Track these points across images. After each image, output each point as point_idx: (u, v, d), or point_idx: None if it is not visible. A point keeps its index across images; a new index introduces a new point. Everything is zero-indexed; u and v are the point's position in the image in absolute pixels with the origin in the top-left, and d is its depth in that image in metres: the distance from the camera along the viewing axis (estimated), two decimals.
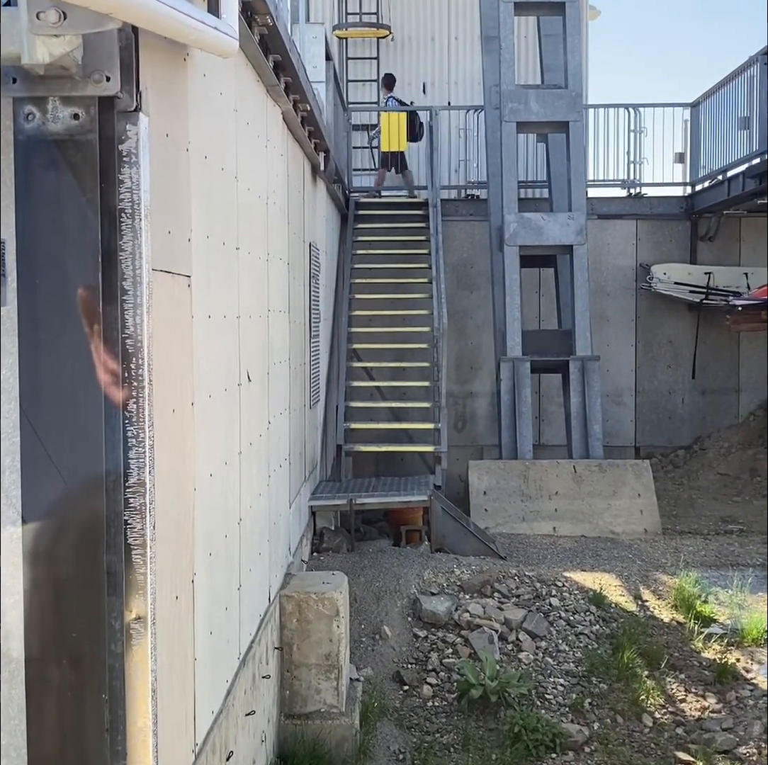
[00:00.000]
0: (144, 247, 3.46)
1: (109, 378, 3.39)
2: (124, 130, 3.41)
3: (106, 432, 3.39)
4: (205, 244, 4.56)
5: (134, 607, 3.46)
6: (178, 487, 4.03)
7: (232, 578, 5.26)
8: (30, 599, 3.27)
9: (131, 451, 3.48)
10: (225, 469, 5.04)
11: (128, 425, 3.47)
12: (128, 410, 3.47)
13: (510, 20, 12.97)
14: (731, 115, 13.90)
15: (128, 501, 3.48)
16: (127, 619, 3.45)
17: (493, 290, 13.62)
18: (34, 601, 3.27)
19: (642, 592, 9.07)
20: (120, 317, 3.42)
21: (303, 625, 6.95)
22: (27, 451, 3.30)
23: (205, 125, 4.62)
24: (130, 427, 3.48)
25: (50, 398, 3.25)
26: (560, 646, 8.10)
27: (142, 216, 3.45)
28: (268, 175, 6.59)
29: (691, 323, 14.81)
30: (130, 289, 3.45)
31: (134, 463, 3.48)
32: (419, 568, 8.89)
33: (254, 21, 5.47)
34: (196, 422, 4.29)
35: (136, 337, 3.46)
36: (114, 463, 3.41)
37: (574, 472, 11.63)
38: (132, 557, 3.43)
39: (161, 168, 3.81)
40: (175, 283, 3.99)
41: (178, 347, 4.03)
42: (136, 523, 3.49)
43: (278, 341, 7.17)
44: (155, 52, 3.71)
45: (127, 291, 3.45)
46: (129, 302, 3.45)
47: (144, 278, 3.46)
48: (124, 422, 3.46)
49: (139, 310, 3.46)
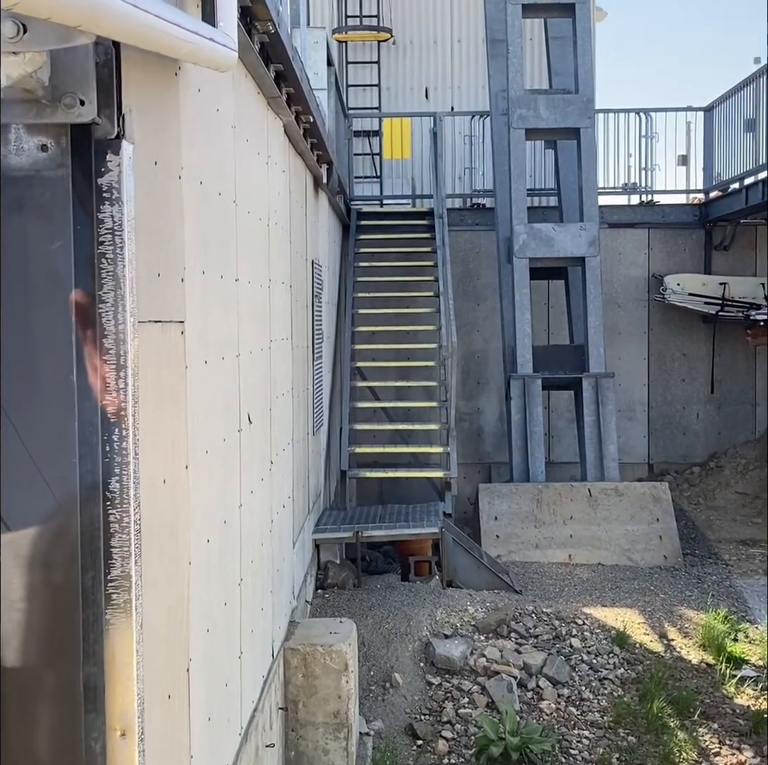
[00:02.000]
0: (128, 298, 2.93)
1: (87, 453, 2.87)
2: (103, 161, 2.89)
3: (82, 519, 2.87)
4: (200, 281, 4.03)
5: (118, 723, 2.93)
6: (171, 569, 3.50)
7: (232, 648, 4.73)
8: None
9: (114, 539, 2.95)
10: (224, 530, 4.51)
11: (110, 509, 2.95)
12: (110, 491, 2.95)
13: (518, 23, 12.44)
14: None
15: (110, 597, 2.96)
16: (110, 738, 2.92)
17: (501, 303, 13.09)
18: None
19: (667, 629, 8.55)
20: (99, 383, 2.90)
21: (309, 680, 6.42)
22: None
23: (201, 147, 4.09)
24: (112, 510, 2.96)
25: (18, 489, 2.72)
26: (584, 694, 7.57)
27: (126, 261, 2.93)
28: (269, 194, 6.06)
29: (706, 336, 14.28)
30: (111, 348, 2.93)
31: (117, 554, 2.95)
32: (431, 606, 8.36)
33: (254, 28, 4.94)
34: (190, 487, 3.77)
35: (118, 404, 2.94)
36: (93, 555, 2.88)
37: (589, 496, 11.10)
38: (116, 667, 2.91)
39: (150, 201, 3.29)
40: (166, 333, 3.47)
41: (169, 407, 3.51)
42: (120, 623, 2.96)
43: (281, 372, 6.64)
44: (141, 67, 3.18)
45: (109, 350, 2.93)
46: (110, 364, 2.93)
47: (128, 334, 2.93)
48: (104, 506, 2.94)
49: (122, 372, 2.94)
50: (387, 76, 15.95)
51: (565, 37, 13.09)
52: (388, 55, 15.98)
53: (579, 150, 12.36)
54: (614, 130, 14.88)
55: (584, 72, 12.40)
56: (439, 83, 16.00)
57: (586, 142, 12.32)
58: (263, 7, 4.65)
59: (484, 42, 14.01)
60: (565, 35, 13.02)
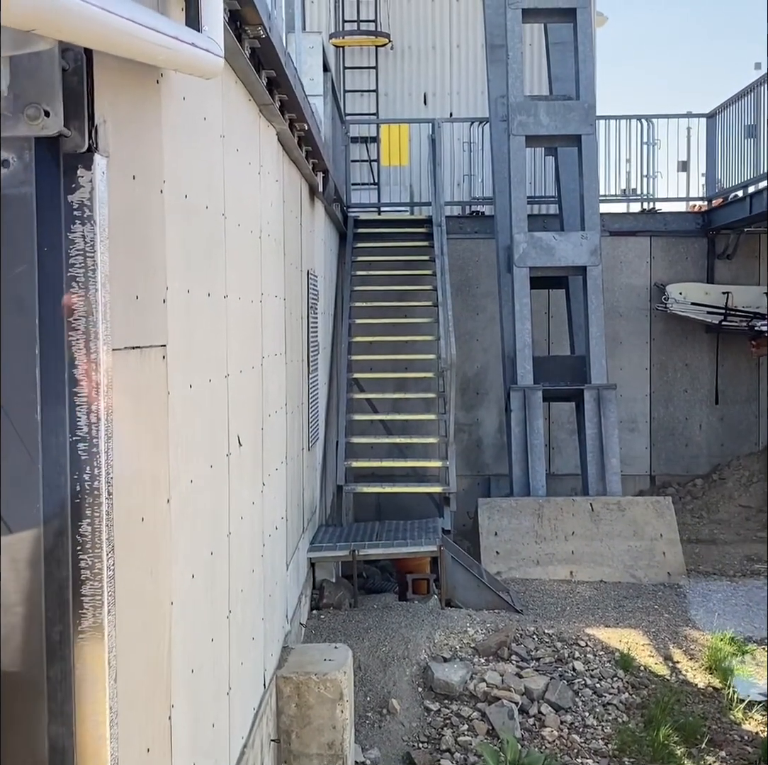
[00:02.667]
0: (101, 324, 2.70)
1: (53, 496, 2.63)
2: (74, 176, 2.66)
3: (48, 566, 2.63)
4: (185, 300, 3.80)
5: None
6: (150, 614, 3.25)
7: (220, 686, 4.49)
8: None
9: (85, 587, 2.72)
10: (211, 562, 4.27)
11: (80, 553, 2.71)
12: (80, 534, 2.71)
13: (518, 28, 12.22)
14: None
15: (81, 651, 2.71)
16: None
17: (500, 312, 12.86)
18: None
19: (672, 651, 8.30)
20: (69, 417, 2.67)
21: (303, 710, 6.17)
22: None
23: (186, 158, 3.86)
24: (83, 555, 2.72)
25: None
26: (587, 720, 7.32)
27: (98, 284, 2.70)
28: (261, 205, 5.83)
29: (708, 346, 14.05)
30: (82, 380, 2.69)
31: (89, 603, 2.72)
32: (429, 628, 8.11)
33: (244, 32, 4.71)
34: (172, 522, 3.53)
35: (90, 440, 2.70)
36: (61, 606, 2.65)
37: (591, 511, 10.85)
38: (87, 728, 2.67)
39: (127, 218, 3.05)
40: (146, 359, 3.23)
41: (149, 439, 3.27)
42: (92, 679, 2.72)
43: (274, 389, 6.40)
44: (117, 73, 2.94)
45: (79, 382, 2.69)
46: (81, 396, 2.69)
47: (101, 363, 2.70)
48: (74, 550, 2.70)
49: (94, 405, 2.70)
50: (385, 81, 15.72)
51: (565, 43, 12.87)
52: (386, 61, 15.75)
53: (580, 157, 12.13)
54: (615, 136, 14.66)
55: (585, 78, 12.18)
56: (437, 89, 15.78)
57: (587, 150, 12.09)
58: (253, 10, 4.42)
59: (484, 47, 13.80)
60: (566, 40, 12.80)
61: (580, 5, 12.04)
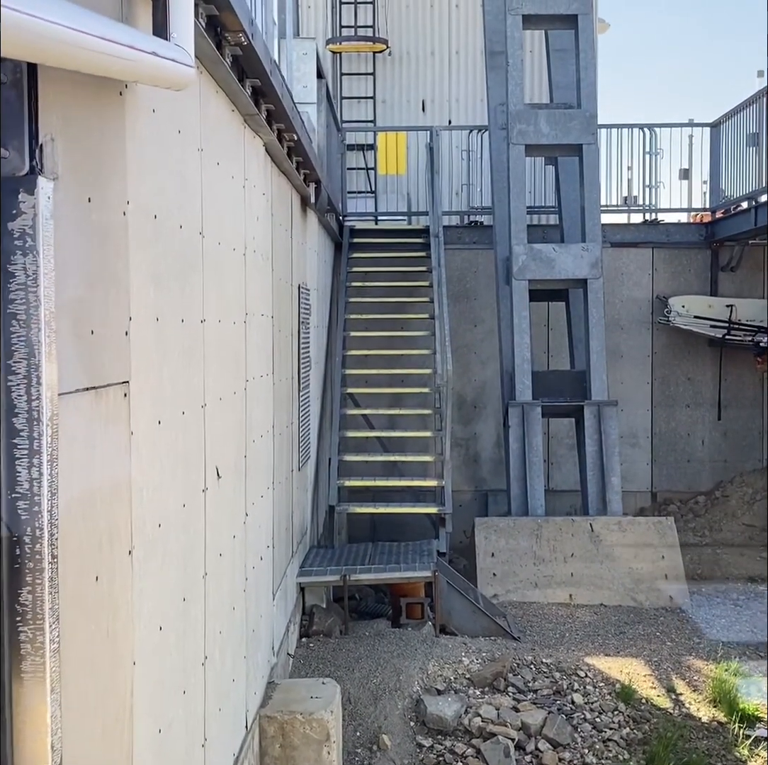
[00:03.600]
0: (45, 367, 2.40)
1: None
2: (14, 202, 2.36)
3: None
4: (154, 330, 3.50)
5: None
6: (106, 680, 2.95)
7: (194, 739, 4.18)
8: None
9: (25, 663, 2.42)
10: (183, 609, 3.97)
11: (20, 625, 2.42)
12: (20, 604, 2.41)
13: (518, 34, 11.93)
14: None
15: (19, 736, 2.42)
16: None
17: (499, 325, 12.56)
18: None
19: (675, 683, 8.00)
20: (7, 472, 2.37)
21: (287, 751, 5.86)
22: None
23: (155, 175, 3.56)
24: (23, 627, 2.42)
25: None
26: (587, 758, 7.00)
27: (41, 322, 2.41)
28: (245, 221, 5.53)
29: (711, 360, 13.75)
30: (24, 430, 2.40)
31: (29, 681, 2.42)
32: (423, 658, 7.79)
33: (225, 39, 4.42)
34: (134, 575, 3.22)
35: (31, 498, 2.41)
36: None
37: (591, 531, 10.54)
38: None
39: (80, 246, 2.75)
40: (102, 400, 2.93)
41: (106, 488, 2.96)
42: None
43: (259, 413, 6.10)
44: (69, 86, 2.65)
45: (20, 432, 2.40)
46: (22, 448, 2.40)
47: (45, 411, 2.40)
48: (13, 622, 2.40)
49: (36, 458, 2.41)
50: (383, 88, 15.44)
51: (566, 50, 12.59)
52: (384, 67, 15.47)
53: (581, 168, 11.84)
54: (617, 145, 14.37)
55: (587, 86, 11.89)
56: (436, 96, 15.48)
57: (588, 160, 11.80)
58: (232, 15, 4.13)
59: (483, 54, 13.50)
60: (567, 47, 12.51)
61: (581, 12, 11.76)
